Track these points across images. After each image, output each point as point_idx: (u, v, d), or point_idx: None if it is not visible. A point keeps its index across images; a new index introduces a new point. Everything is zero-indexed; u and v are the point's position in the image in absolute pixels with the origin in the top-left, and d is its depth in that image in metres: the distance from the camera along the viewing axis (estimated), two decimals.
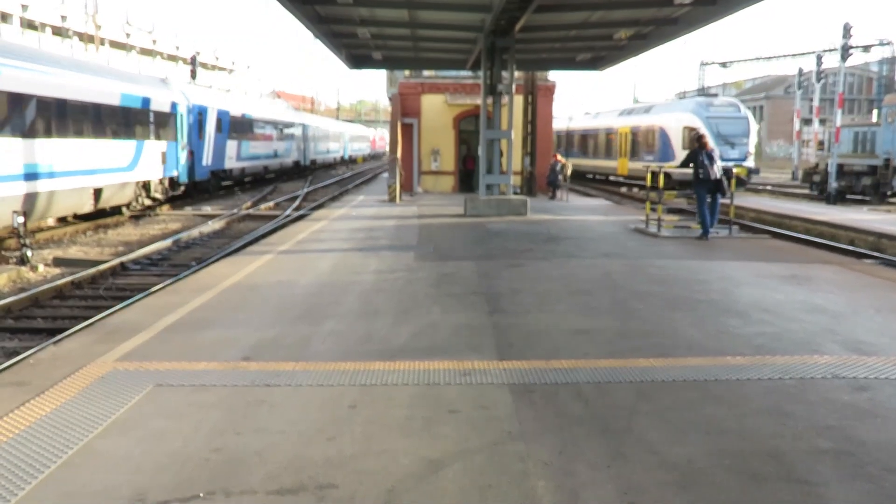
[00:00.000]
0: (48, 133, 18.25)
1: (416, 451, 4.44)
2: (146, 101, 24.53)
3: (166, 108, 26.38)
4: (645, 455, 4.39)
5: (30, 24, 58.73)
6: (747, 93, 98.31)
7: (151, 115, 24.90)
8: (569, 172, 27.29)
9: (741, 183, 29.12)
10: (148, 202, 25.34)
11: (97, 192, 21.04)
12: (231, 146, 33.96)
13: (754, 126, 33.10)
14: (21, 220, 15.69)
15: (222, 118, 32.76)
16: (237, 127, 34.93)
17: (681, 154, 30.04)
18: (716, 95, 35.63)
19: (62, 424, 4.83)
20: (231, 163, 34.16)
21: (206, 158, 30.85)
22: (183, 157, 28.03)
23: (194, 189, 30.15)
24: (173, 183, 27.44)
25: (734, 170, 16.19)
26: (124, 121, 22.81)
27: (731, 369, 6.04)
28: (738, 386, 5.64)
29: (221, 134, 32.61)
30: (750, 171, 31.55)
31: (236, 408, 5.17)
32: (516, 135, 23.94)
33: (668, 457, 4.37)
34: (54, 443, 4.53)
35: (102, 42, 63.69)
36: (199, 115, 30.06)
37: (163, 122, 25.97)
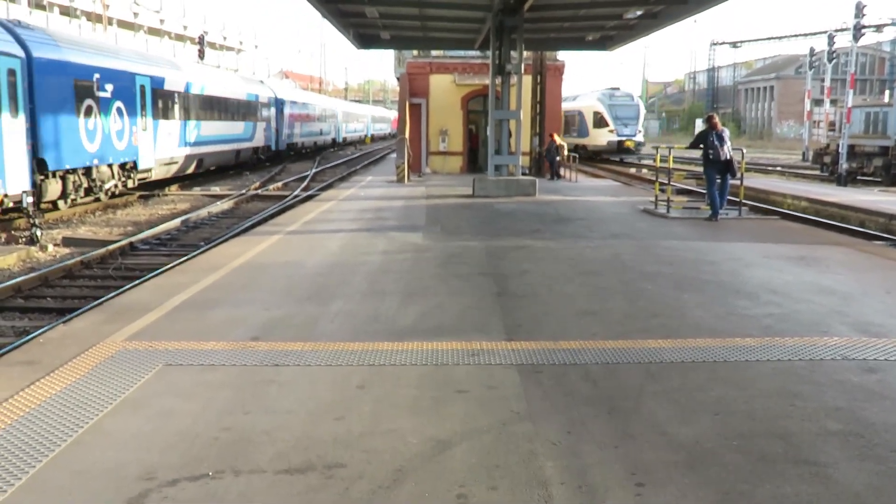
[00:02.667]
0: (214, 118, 30.39)
1: (424, 430, 4.45)
2: (256, 97, 36.96)
3: (265, 100, 38.54)
4: (653, 435, 4.40)
5: (37, 4, 58.64)
6: (758, 73, 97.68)
7: (259, 105, 37.30)
8: (565, 153, 27.18)
9: (631, 151, 41.50)
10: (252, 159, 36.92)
11: (237, 153, 34.01)
12: (297, 126, 46.62)
13: (643, 112, 45.00)
14: (30, 199, 15.72)
15: (292, 105, 44.90)
16: (299, 112, 47.33)
17: (593, 131, 42.93)
18: (618, 89, 45.05)
19: (72, 403, 4.86)
20: (297, 138, 46.74)
21: (284, 134, 42.78)
22: (273, 133, 40.15)
23: (276, 156, 41.40)
24: (268, 149, 39.46)
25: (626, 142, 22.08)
26: (247, 109, 35.34)
27: (740, 350, 6.02)
28: (747, 367, 5.63)
29: (291, 117, 44.71)
30: (637, 144, 42.19)
31: (245, 387, 5.19)
32: (525, 115, 23.83)
33: (676, 437, 4.37)
34: (64, 422, 4.56)
35: (110, 22, 63.61)
36: (280, 104, 41.73)
37: (263, 110, 38.08)
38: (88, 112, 20.00)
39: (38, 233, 15.15)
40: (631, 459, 4.07)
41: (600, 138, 42.17)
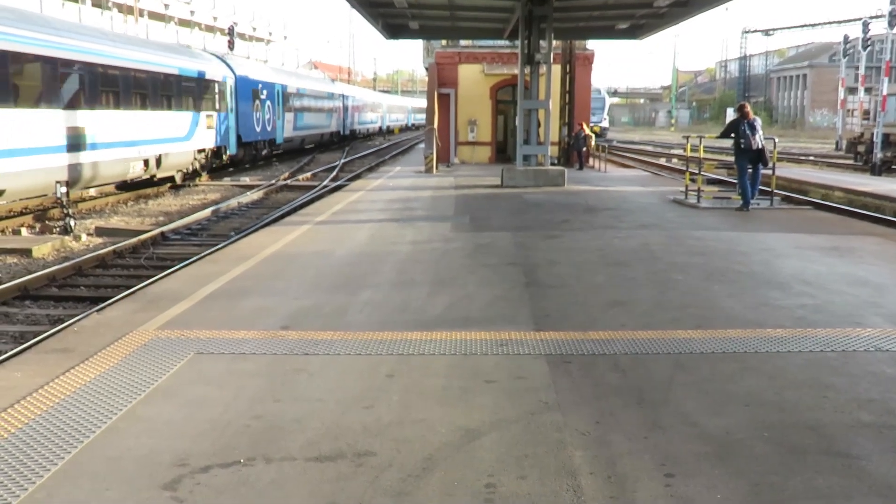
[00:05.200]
0: (311, 110, 42.07)
1: (453, 420, 4.46)
2: (332, 94, 48.27)
3: (337, 97, 50.12)
4: (682, 426, 4.38)
5: None
6: (790, 61, 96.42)
7: (334, 100, 48.89)
8: (592, 143, 27.03)
9: (599, 135, 42.67)
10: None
11: (322, 136, 45.32)
12: (356, 116, 57.68)
13: (608, 102, 54.91)
14: (64, 190, 15.94)
15: (353, 100, 56.40)
16: (357, 105, 58.49)
17: None
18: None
19: (106, 390, 4.93)
20: (356, 125, 57.74)
21: (348, 123, 54.05)
22: (342, 121, 51.21)
23: (342, 140, 51.84)
24: (339, 134, 50.35)
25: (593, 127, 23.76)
26: (328, 104, 46.80)
27: (771, 341, 5.97)
28: (778, 358, 5.58)
29: (353, 109, 56.01)
30: (603, 129, 51.91)
31: (275, 376, 5.24)
32: (554, 105, 23.73)
33: (706, 428, 4.35)
34: (99, 408, 4.63)
35: (141, 13, 64.10)
36: (346, 99, 52.88)
37: (337, 104, 49.53)
38: (257, 108, 31.74)
39: (72, 222, 15.36)
40: (660, 450, 4.06)
41: None
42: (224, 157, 28.44)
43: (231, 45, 52.87)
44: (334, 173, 28.59)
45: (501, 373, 5.29)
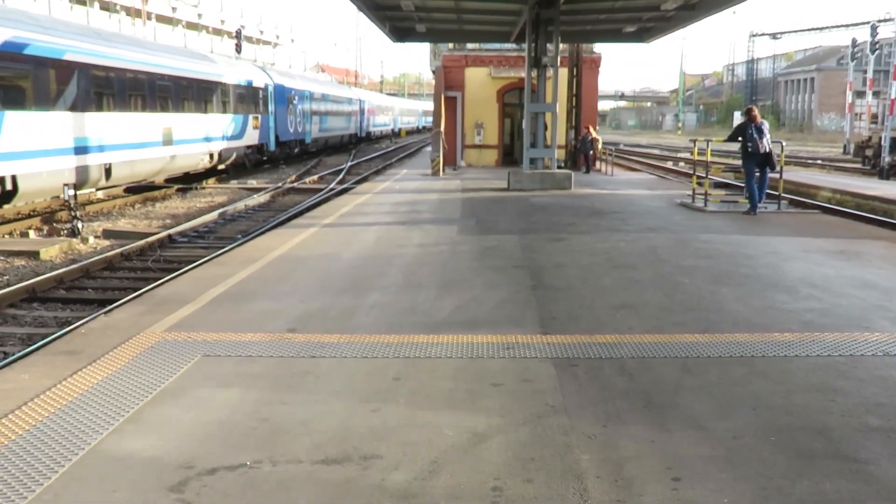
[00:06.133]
0: (333, 114, 46.38)
1: (460, 423, 4.46)
2: (350, 99, 52.78)
3: (355, 101, 54.43)
4: (690, 430, 4.36)
5: (79, 0, 59.41)
6: (798, 64, 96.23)
7: (352, 105, 53.16)
8: (599, 147, 26.99)
9: None
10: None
11: (341, 137, 49.23)
12: (372, 118, 61.72)
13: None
14: (72, 192, 15.99)
15: (368, 104, 60.47)
16: (372, 108, 62.62)
17: None
18: None
19: (113, 393, 4.94)
20: (371, 127, 61.89)
21: (365, 125, 58.36)
22: (359, 124, 55.40)
23: (359, 140, 55.96)
24: (356, 136, 54.36)
25: None
26: (347, 108, 51.44)
27: (779, 345, 5.95)
28: (786, 362, 5.57)
29: (369, 112, 60.05)
30: None
31: (282, 378, 5.24)
32: (561, 108, 23.72)
33: (713, 432, 4.33)
34: (106, 411, 4.64)
35: (149, 17, 64.29)
36: (363, 103, 57.17)
37: (354, 108, 53.90)
38: (291, 112, 36.33)
39: (80, 225, 15.40)
40: (667, 454, 4.05)
41: None
42: (265, 154, 33.27)
43: (238, 49, 53.02)
44: (341, 176, 28.63)
45: (508, 376, 5.28)
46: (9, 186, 15.97)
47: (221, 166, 28.00)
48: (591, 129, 26.50)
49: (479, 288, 8.08)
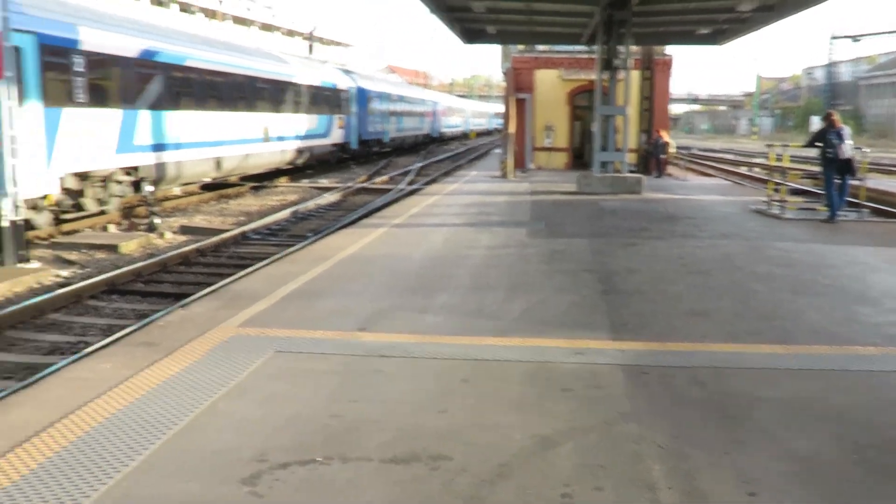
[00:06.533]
0: (408, 115, 47.75)
1: (529, 427, 4.43)
2: (425, 101, 55.29)
3: (430, 103, 56.76)
4: (765, 444, 4.25)
5: (157, 1, 61.08)
6: (880, 68, 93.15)
7: (427, 106, 55.12)
8: (671, 151, 26.54)
9: None
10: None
11: (416, 136, 50.66)
12: (443, 119, 62.55)
13: None
14: (151, 188, 16.43)
15: (443, 105, 62.93)
16: (446, 109, 64.44)
17: None
18: None
19: (188, 385, 5.05)
20: (443, 129, 62.67)
21: (437, 126, 59.39)
22: (432, 125, 57.09)
23: (432, 141, 57.34)
24: (429, 136, 55.93)
25: None
26: (422, 110, 53.40)
27: (861, 359, 5.76)
28: (868, 377, 5.39)
29: (441, 113, 61.21)
30: None
31: (352, 376, 5.29)
32: (632, 111, 23.41)
33: (790, 447, 4.22)
34: (181, 402, 4.75)
35: (224, 17, 65.67)
36: (435, 105, 59.02)
37: (429, 109, 55.72)
38: (371, 112, 38.24)
39: (157, 221, 15.81)
40: (742, 467, 3.95)
41: None
42: (348, 152, 35.52)
43: (310, 49, 53.80)
44: (411, 177, 28.79)
45: (578, 381, 5.23)
46: (143, 175, 18.17)
47: (313, 161, 30.98)
48: (663, 133, 26.09)
49: (548, 291, 8.03)
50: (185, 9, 63.15)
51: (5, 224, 11.53)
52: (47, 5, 15.57)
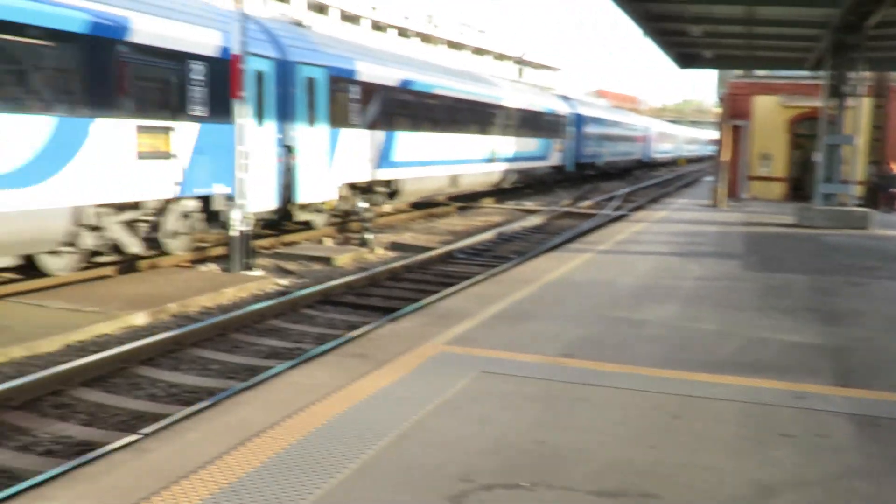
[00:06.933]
0: (617, 139, 47.80)
1: (745, 472, 4.18)
2: (635, 127, 54.73)
3: (641, 129, 56.73)
4: None
5: (376, 26, 64.36)
6: None
7: (637, 132, 54.66)
8: None
9: None
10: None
11: (628, 162, 51.28)
12: (661, 146, 65.20)
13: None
14: (365, 205, 17.22)
15: (658, 132, 64.35)
16: (662, 137, 66.54)
17: None
18: None
19: (398, 398, 5.20)
20: (654, 154, 63.04)
21: (652, 152, 61.37)
22: (644, 150, 57.93)
23: (642, 166, 57.37)
24: (640, 161, 56.10)
25: None
26: (631, 135, 52.87)
27: None
28: None
29: (652, 139, 61.42)
30: None
31: (557, 402, 5.23)
32: (861, 141, 21.80)
33: None
34: (392, 414, 4.89)
35: (438, 42, 68.01)
36: (647, 130, 59.41)
37: (639, 135, 55.85)
38: (586, 137, 39.30)
39: (369, 236, 16.53)
40: None
41: None
42: (563, 174, 36.86)
43: (520, 73, 54.56)
44: (616, 202, 28.35)
45: (799, 427, 4.89)
46: (394, 188, 20.89)
47: (533, 181, 32.86)
48: (894, 165, 24.12)
49: (764, 329, 7.59)
50: (402, 33, 66.09)
51: (234, 234, 12.47)
52: (333, 43, 18.57)
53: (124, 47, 11.55)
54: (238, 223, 12.43)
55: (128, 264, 12.50)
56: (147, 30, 11.92)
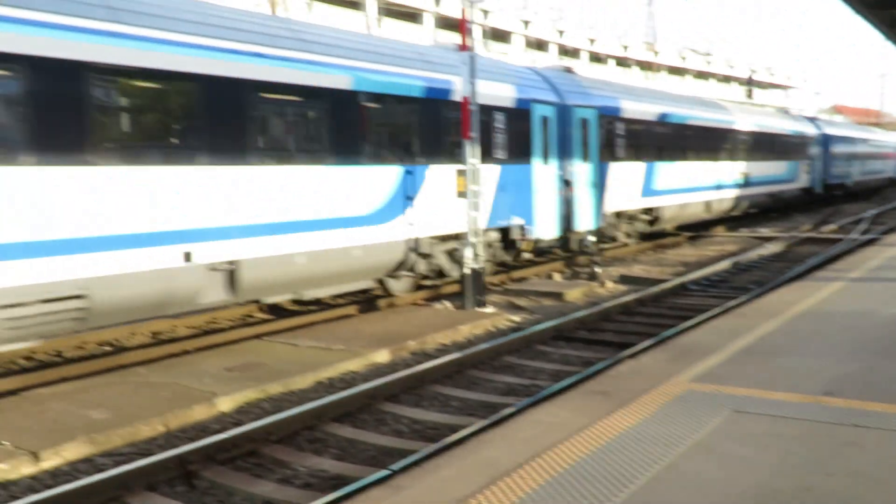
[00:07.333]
0: (866, 158, 45.52)
1: None
2: (887, 143, 52.55)
3: (892, 146, 54.29)
4: None
5: (595, 57, 64.28)
6: None
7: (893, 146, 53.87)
8: None
9: None
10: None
11: (881, 181, 49.95)
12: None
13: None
14: (592, 239, 17.07)
15: None
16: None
17: None
18: None
19: (646, 439, 5.02)
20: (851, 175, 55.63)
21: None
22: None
23: (893, 184, 54.65)
24: (891, 179, 53.32)
25: None
26: (885, 153, 51.19)
27: None
28: None
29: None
30: None
31: (822, 445, 4.82)
32: None
33: None
34: (641, 456, 4.72)
35: (659, 69, 66.75)
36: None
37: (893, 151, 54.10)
38: (834, 156, 38.58)
39: (598, 270, 16.33)
40: None
41: None
42: (812, 196, 36.25)
43: (749, 94, 52.23)
44: (864, 225, 26.17)
45: None
46: (655, 215, 21.85)
47: (756, 208, 31.58)
48: None
49: None
50: (621, 63, 65.48)
51: (467, 271, 12.76)
52: (599, 85, 20.14)
53: (454, 106, 13.68)
54: (470, 261, 12.72)
55: (368, 304, 13.16)
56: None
